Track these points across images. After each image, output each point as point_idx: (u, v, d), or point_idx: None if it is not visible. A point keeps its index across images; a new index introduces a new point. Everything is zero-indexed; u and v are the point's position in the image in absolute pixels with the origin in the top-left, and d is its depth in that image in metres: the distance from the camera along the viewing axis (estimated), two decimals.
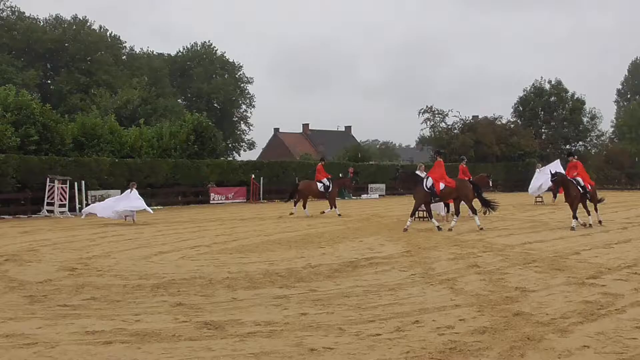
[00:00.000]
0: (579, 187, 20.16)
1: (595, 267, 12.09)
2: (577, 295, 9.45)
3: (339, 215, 25.87)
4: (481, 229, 19.19)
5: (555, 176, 20.46)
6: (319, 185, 26.87)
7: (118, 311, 8.79)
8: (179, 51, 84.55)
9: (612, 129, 78.34)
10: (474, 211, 20.00)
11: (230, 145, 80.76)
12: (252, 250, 15.48)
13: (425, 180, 19.94)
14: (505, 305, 8.85)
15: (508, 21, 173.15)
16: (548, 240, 16.77)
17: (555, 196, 30.54)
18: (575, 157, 22.12)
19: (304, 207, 26.81)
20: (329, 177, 27.41)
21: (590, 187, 21.13)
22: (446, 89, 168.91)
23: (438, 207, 22.73)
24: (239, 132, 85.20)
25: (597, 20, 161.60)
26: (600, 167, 64.74)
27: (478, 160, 59.02)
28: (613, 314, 8.32)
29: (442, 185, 19.80)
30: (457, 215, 20.23)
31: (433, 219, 19.97)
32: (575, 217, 19.59)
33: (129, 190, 24.76)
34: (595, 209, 21.33)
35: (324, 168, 27.87)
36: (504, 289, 10.03)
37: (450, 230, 18.79)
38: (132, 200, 24.31)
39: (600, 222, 20.87)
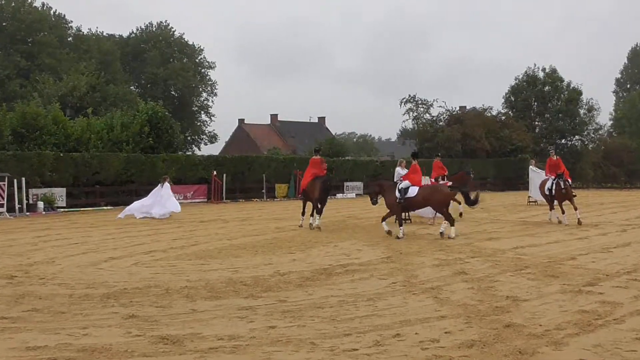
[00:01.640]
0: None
1: (593, 273, 12.25)
2: (573, 304, 9.57)
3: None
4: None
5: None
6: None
7: (63, 324, 8.70)
8: (132, 32, 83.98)
9: (611, 121, 79.48)
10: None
11: (189, 138, 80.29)
12: (213, 256, 15.42)
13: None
14: (495, 316, 8.92)
15: (499, 3, 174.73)
16: (542, 244, 16.96)
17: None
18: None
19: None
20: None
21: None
22: (431, 77, 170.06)
23: (426, 212, 22.85)
24: (199, 124, 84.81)
25: (594, 3, 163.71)
26: (598, 163, 65.65)
27: (466, 155, 59.44)
28: (611, 324, 8.44)
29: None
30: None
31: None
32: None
33: (160, 185, 27.66)
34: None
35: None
36: (494, 298, 10.11)
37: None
38: (165, 203, 27.00)
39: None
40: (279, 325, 8.56)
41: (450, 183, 24.03)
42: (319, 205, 21.60)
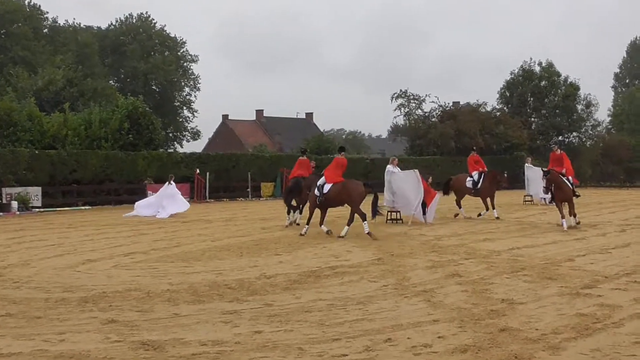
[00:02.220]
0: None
1: (591, 275, 12.30)
2: (571, 308, 9.61)
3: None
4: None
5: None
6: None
7: (39, 329, 8.66)
8: (111, 24, 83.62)
9: (609, 118, 79.87)
10: (363, 217, 19.24)
11: (171, 134, 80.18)
12: (196, 257, 15.39)
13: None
14: (490, 319, 8.95)
15: None
16: (538, 245, 17.01)
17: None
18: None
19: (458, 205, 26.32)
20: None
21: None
22: (424, 71, 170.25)
23: (408, 210, 23.03)
24: (181, 120, 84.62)
25: None
26: (596, 161, 65.94)
27: (459, 152, 59.55)
28: (610, 328, 8.48)
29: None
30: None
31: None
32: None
33: (167, 183, 28.87)
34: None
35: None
36: (489, 301, 10.14)
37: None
38: (172, 204, 28.15)
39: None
40: (265, 330, 8.54)
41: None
42: (300, 206, 22.59)
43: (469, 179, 26.26)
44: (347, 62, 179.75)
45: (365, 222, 19.13)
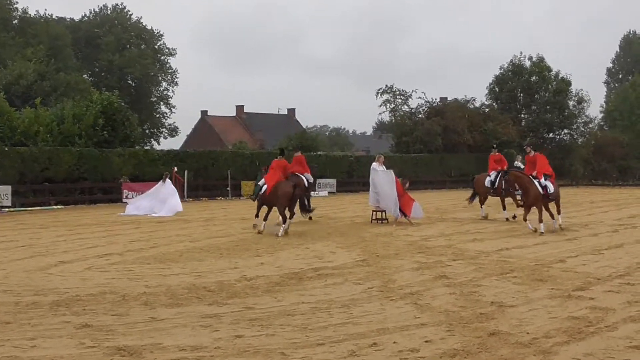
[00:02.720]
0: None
1: (583, 277, 12.38)
2: (562, 311, 9.66)
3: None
4: (277, 235, 19.57)
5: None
6: (304, 180, 25.66)
7: (9, 335, 8.60)
8: (85, 16, 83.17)
9: (602, 114, 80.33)
10: (284, 219, 20.12)
11: (147, 131, 79.82)
12: (174, 259, 15.35)
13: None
14: (479, 323, 8.98)
15: None
16: (528, 245, 17.10)
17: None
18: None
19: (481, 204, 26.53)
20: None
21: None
22: (410, 66, 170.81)
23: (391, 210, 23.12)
24: (158, 115, 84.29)
25: None
26: (588, 159, 66.37)
27: (447, 150, 59.76)
28: (603, 331, 8.53)
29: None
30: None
31: (284, 225, 20.16)
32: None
33: (162, 181, 29.22)
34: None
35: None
36: (478, 304, 10.18)
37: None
38: (168, 203, 28.46)
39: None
40: (246, 335, 8.53)
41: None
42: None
43: (487, 178, 26.28)
44: (331, 56, 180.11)
45: (283, 225, 19.99)
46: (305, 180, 25.19)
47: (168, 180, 29.65)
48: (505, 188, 20.53)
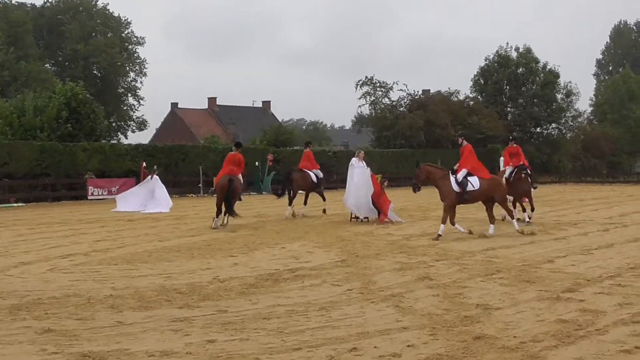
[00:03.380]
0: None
1: (572, 277, 12.44)
2: (551, 313, 9.70)
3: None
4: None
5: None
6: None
7: None
8: (47, 1, 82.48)
9: (591, 108, 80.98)
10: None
11: (114, 124, 79.44)
12: (143, 260, 15.28)
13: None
14: (464, 326, 9.00)
15: None
16: (515, 245, 17.16)
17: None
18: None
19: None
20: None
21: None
22: (391, 56, 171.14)
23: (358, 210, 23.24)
24: (126, 108, 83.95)
25: None
26: (577, 155, 66.86)
27: (430, 145, 59.93)
28: (593, 335, 8.57)
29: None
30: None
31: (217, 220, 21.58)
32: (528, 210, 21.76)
33: (150, 177, 30.21)
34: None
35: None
36: (462, 306, 10.20)
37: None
38: (160, 199, 29.51)
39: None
40: (219, 339, 8.50)
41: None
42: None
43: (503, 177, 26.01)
44: (308, 46, 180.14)
45: (216, 218, 21.79)
46: (313, 175, 26.21)
47: (156, 176, 30.26)
48: (414, 184, 19.89)
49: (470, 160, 19.92)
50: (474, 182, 19.30)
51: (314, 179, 26.09)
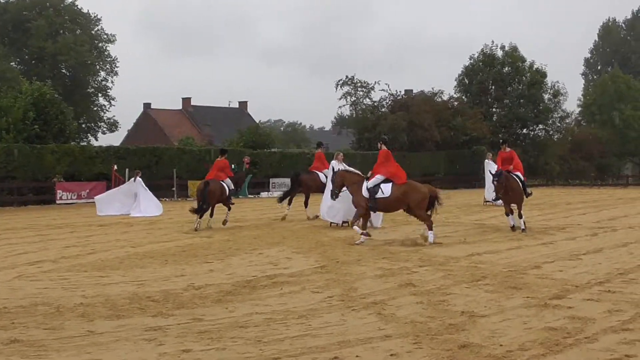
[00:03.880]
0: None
1: (560, 284, 12.49)
2: (539, 321, 9.74)
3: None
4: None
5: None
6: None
7: None
8: None
9: (579, 108, 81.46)
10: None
11: (84, 125, 79.03)
12: (114, 266, 15.24)
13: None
14: (449, 334, 9.02)
15: None
16: (501, 250, 17.24)
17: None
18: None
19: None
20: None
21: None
22: (373, 55, 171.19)
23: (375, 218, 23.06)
24: (96, 108, 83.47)
25: None
26: (565, 157, 67.23)
27: (412, 148, 60.04)
28: (582, 343, 8.61)
29: None
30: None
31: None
32: (521, 215, 21.37)
33: (133, 179, 30.65)
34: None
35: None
36: (447, 314, 10.23)
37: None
38: (143, 204, 29.78)
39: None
40: (194, 349, 8.49)
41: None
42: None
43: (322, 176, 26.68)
44: (286, 44, 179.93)
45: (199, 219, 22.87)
46: (323, 177, 26.35)
47: (139, 179, 30.54)
48: (332, 191, 20.28)
49: (386, 166, 19.60)
50: (385, 189, 19.02)
51: (324, 180, 26.17)
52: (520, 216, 21.60)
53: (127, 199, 30.38)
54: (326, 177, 25.94)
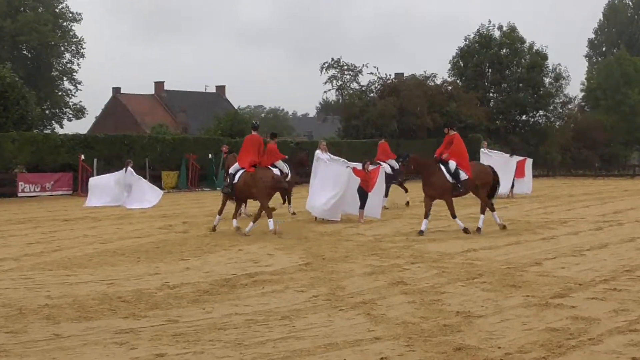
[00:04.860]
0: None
1: (562, 282, 12.56)
2: (539, 321, 9.79)
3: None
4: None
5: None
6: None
7: None
8: None
9: (582, 93, 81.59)
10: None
11: (48, 111, 78.76)
12: (82, 264, 15.19)
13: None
14: (443, 336, 9.06)
15: None
16: (499, 246, 17.31)
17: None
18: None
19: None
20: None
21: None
22: (360, 36, 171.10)
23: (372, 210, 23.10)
24: (61, 93, 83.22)
25: None
26: (567, 145, 67.37)
27: (403, 135, 60.06)
28: (586, 345, 8.67)
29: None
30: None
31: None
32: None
33: (125, 169, 31.00)
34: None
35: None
36: (441, 314, 10.27)
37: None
38: (139, 195, 30.09)
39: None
40: (170, 353, 8.50)
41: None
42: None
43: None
44: (266, 23, 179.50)
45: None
46: (388, 167, 27.01)
47: (130, 169, 30.90)
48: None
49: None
50: (237, 176, 20.48)
51: (389, 170, 26.67)
52: (453, 216, 20.01)
53: (120, 190, 30.85)
54: (391, 167, 26.26)
